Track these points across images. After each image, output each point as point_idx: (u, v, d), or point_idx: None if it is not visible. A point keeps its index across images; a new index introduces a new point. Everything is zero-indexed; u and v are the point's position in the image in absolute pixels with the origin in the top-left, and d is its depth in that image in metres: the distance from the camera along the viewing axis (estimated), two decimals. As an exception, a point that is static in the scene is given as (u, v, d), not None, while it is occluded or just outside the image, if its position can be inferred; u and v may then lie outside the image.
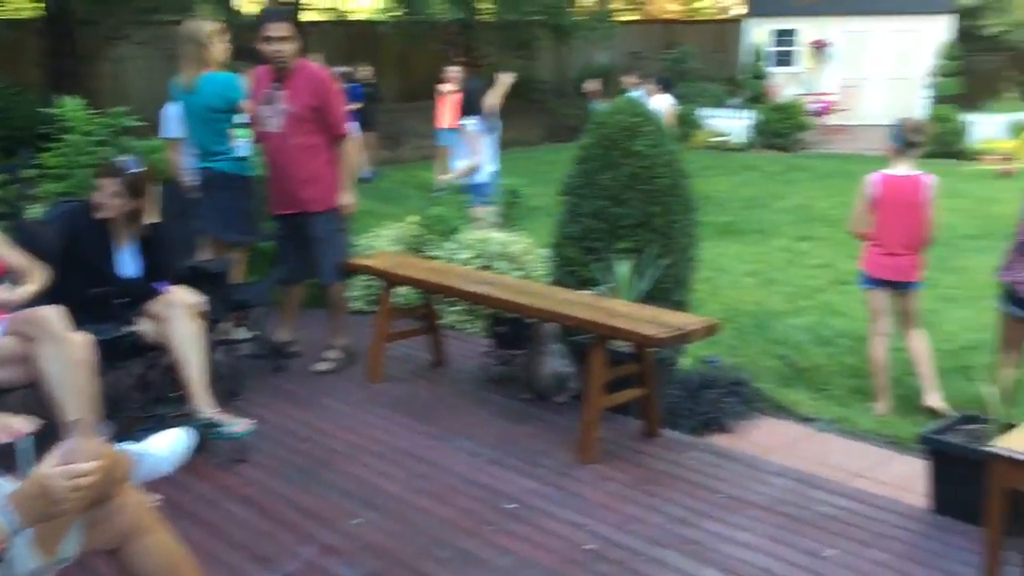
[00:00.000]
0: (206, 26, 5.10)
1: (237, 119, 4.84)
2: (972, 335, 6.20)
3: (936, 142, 15.72)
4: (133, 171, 3.89)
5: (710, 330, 3.74)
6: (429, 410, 4.39)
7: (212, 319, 4.23)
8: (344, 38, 19.60)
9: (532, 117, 19.75)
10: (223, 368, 4.60)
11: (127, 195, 3.85)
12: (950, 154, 15.56)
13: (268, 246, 5.51)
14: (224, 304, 4.33)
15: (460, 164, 7.15)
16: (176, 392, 3.93)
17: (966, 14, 20.87)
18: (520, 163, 15.61)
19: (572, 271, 4.88)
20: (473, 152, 7.03)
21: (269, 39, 4.63)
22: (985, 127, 16.63)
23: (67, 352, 3.36)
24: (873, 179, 5.01)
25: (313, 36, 18.57)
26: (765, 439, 4.54)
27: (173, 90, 5.30)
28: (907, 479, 3.99)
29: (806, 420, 4.88)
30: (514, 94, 21.85)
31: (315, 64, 4.97)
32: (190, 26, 5.09)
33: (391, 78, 19.13)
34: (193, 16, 14.22)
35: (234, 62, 5.53)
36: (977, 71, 20.42)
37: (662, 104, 10.39)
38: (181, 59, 5.14)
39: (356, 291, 6.00)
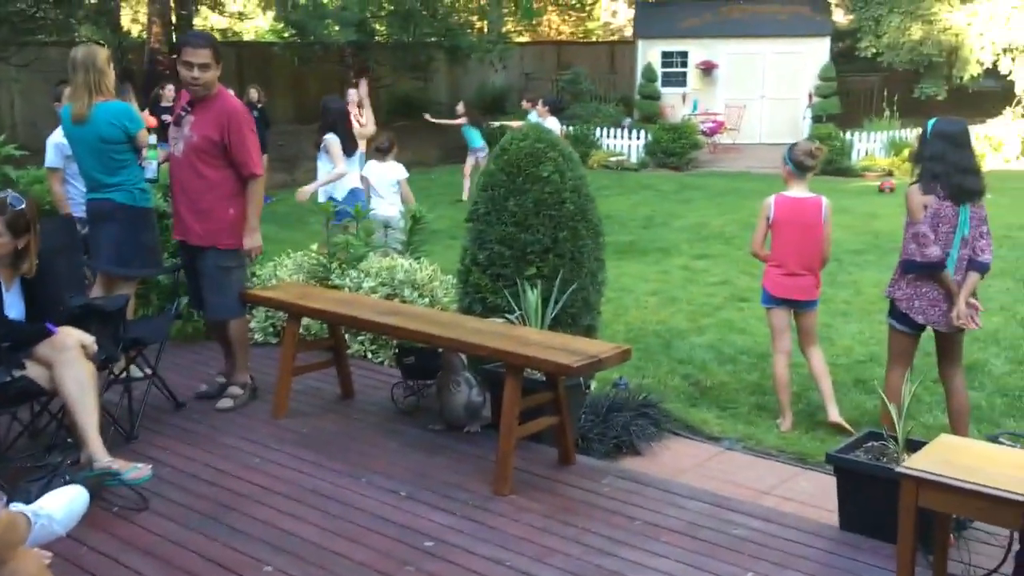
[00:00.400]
0: (101, 53, 4.88)
1: (149, 140, 4.83)
2: (866, 348, 6.43)
3: (820, 159, 16.39)
4: (15, 208, 3.66)
5: (623, 356, 3.75)
6: (338, 446, 4.27)
7: (105, 359, 4.02)
8: (236, 60, 19.19)
9: (428, 138, 19.69)
10: (118, 409, 4.39)
11: (9, 234, 3.62)
12: (835, 171, 16.22)
13: (166, 280, 5.30)
14: (118, 343, 4.12)
15: (322, 176, 7.98)
16: (68, 439, 3.71)
17: (843, 36, 21.88)
18: (417, 184, 15.52)
19: (481, 298, 4.84)
20: (336, 162, 7.74)
21: (188, 64, 4.41)
22: (865, 145, 17.44)
23: None
24: (771, 201, 5.14)
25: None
26: (676, 460, 4.59)
27: (62, 118, 5.05)
28: (814, 496, 4.08)
29: (714, 439, 4.96)
30: (409, 115, 21.87)
31: (233, 98, 4.70)
32: (83, 52, 4.86)
33: (285, 100, 18.84)
34: (77, 38, 13.78)
35: (118, 84, 5.31)
36: (854, 91, 21.41)
37: (552, 126, 10.51)
38: (72, 86, 4.90)
39: (256, 322, 5.82)
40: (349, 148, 7.97)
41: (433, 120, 14.96)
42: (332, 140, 7.77)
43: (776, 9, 21.52)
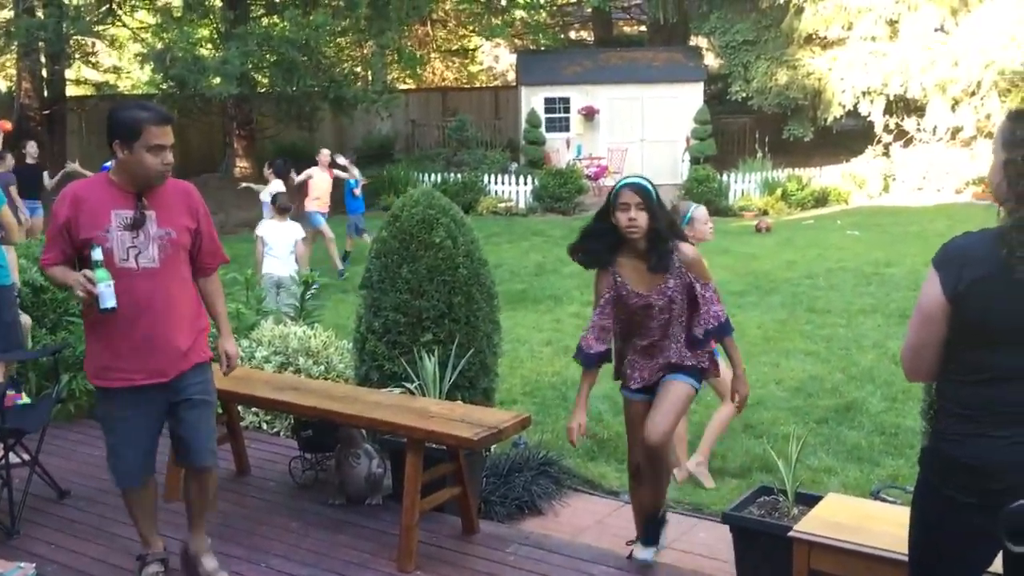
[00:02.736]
0: None
1: (95, 254, 3.19)
2: (753, 392, 6.64)
3: (701, 200, 17.00)
4: None
5: (522, 424, 3.80)
6: (236, 528, 4.16)
7: (-18, 453, 3.82)
8: (111, 114, 18.65)
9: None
10: (-3, 503, 4.16)
11: None
12: (714, 212, 16.81)
13: (43, 362, 5.08)
14: (-4, 434, 3.92)
15: None
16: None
17: (715, 80, 22.86)
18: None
19: (377, 365, 4.83)
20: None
21: (159, 148, 3.23)
22: (741, 186, 18.19)
23: None
24: None
25: (77, 112, 17.59)
26: (577, 518, 4.65)
27: None
28: (712, 548, 4.20)
29: (613, 493, 5.05)
30: (296, 166, 21.60)
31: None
32: None
33: (164, 153, 18.36)
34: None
35: None
36: (727, 132, 22.35)
37: (277, 188, 10.39)
38: None
39: (144, 397, 5.62)
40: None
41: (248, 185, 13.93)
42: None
43: (652, 56, 22.34)
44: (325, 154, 12.48)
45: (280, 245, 7.82)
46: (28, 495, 4.29)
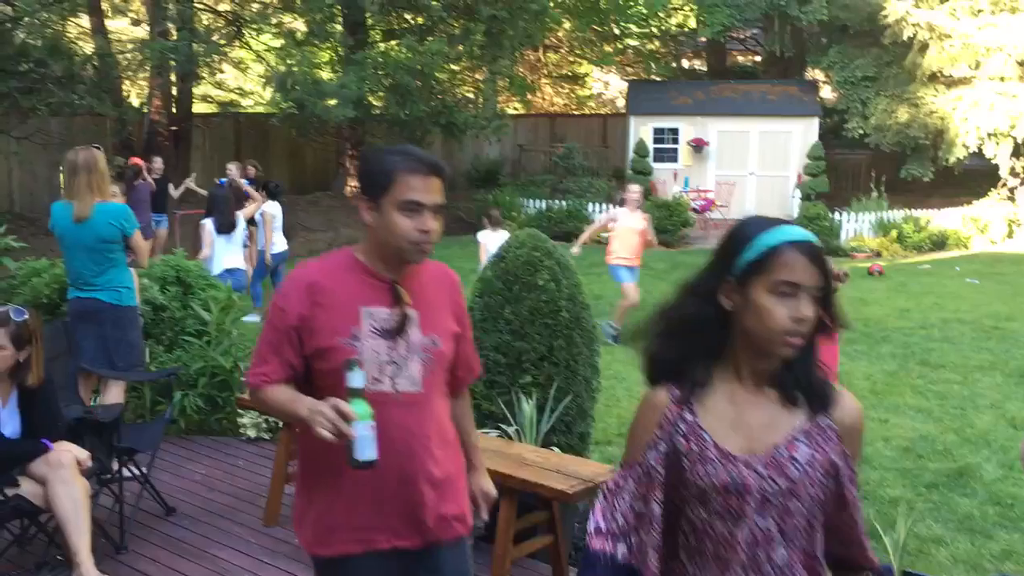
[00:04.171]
0: (100, 156, 4.98)
1: (353, 379, 2.14)
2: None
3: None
4: (17, 320, 3.69)
5: (618, 479, 3.75)
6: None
7: (98, 472, 4.01)
8: (233, 131, 19.44)
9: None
10: (108, 515, 4.35)
11: (12, 347, 3.64)
12: (824, 251, 16.39)
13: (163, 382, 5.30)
14: (111, 453, 4.10)
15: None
16: (59, 556, 3.68)
17: (830, 113, 22.29)
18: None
19: (475, 404, 4.85)
20: (204, 246, 8.75)
21: (413, 206, 2.25)
22: (854, 225, 17.67)
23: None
24: None
25: (202, 129, 18.40)
26: (669, 573, 4.57)
27: (55, 215, 5.10)
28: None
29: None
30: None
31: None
32: (84, 156, 4.96)
33: (281, 171, 19.04)
34: (79, 109, 13.95)
35: (116, 156, 5.35)
36: (841, 168, 21.76)
37: (271, 209, 9.99)
38: (72, 187, 4.98)
39: (248, 418, 5.81)
40: (224, 227, 8.85)
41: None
42: (205, 224, 8.88)
43: (766, 88, 21.97)
44: (635, 192, 9.99)
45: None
46: (136, 511, 4.47)
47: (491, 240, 9.98)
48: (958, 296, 12.32)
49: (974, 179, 20.34)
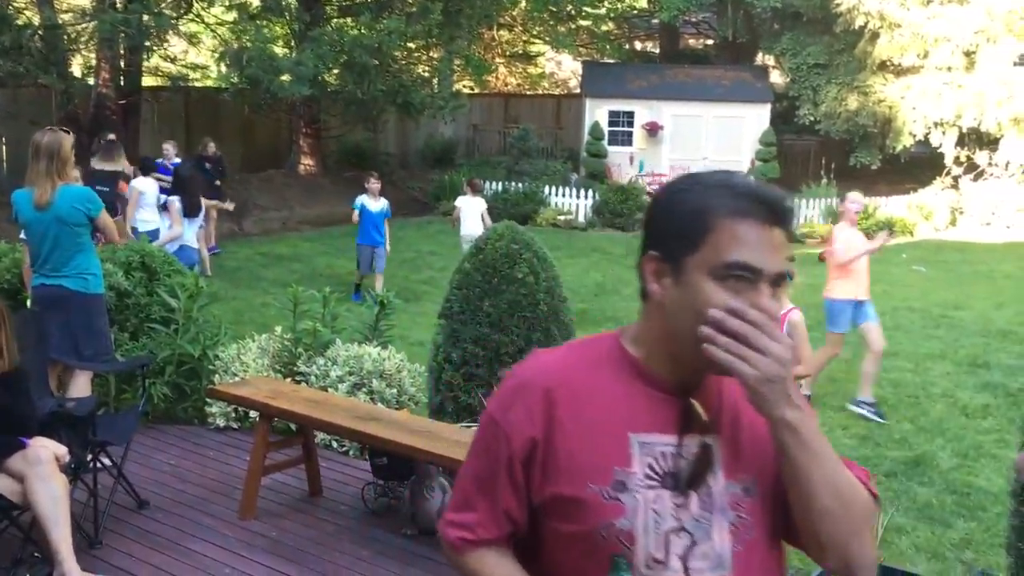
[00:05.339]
0: (66, 141, 4.85)
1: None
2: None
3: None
4: (-13, 311, 3.59)
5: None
6: (310, 553, 4.21)
7: (74, 466, 3.93)
8: (183, 106, 19.01)
9: (381, 190, 19.71)
10: (81, 510, 4.27)
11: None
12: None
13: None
14: (86, 447, 4.03)
15: (164, 235, 8.84)
16: (36, 554, 3.61)
17: (781, 99, 22.57)
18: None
19: (453, 396, 4.87)
20: (174, 224, 8.82)
21: (750, 273, 1.37)
22: (805, 212, 17.97)
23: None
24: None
25: (151, 103, 17.96)
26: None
27: (17, 202, 4.96)
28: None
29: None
30: (359, 165, 21.88)
31: None
32: (48, 139, 4.82)
33: (233, 147, 18.66)
34: (25, 82, 13.50)
35: (60, 128, 5.18)
36: (791, 153, 22.09)
37: (140, 185, 9.34)
38: (33, 172, 4.84)
39: (218, 407, 5.73)
40: (192, 210, 9.05)
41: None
42: (172, 201, 8.92)
43: (720, 73, 22.16)
44: (854, 201, 7.68)
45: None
46: (110, 504, 4.40)
47: (467, 205, 11.32)
48: (906, 284, 12.62)
49: (919, 167, 20.81)
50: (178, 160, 11.70)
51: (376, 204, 10.60)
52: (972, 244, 17.00)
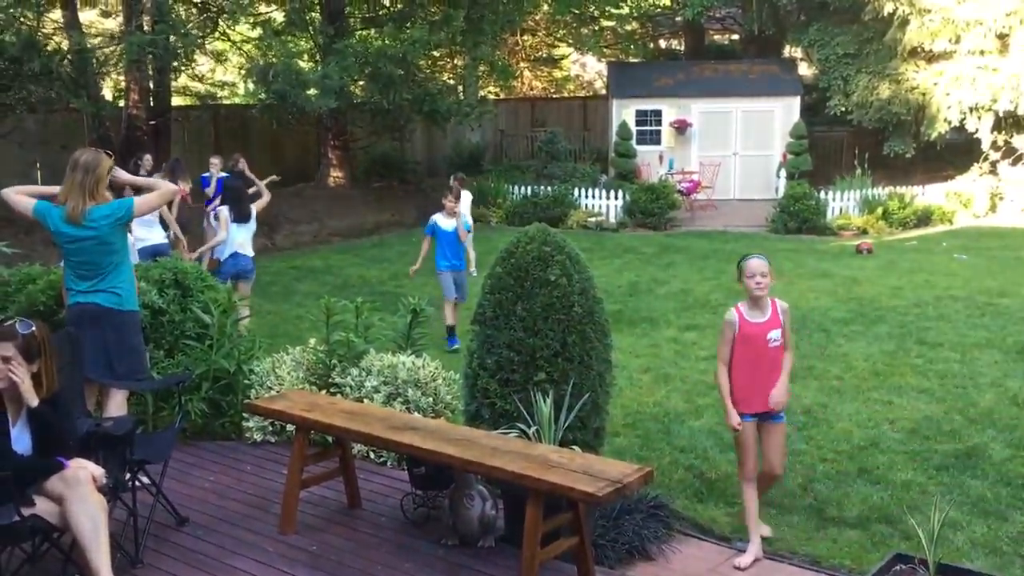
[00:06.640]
0: (104, 161, 4.86)
1: None
2: (865, 432, 6.44)
3: (796, 219, 16.61)
4: (24, 333, 3.58)
5: (645, 479, 3.71)
6: (348, 566, 4.17)
7: (112, 486, 3.91)
8: (212, 123, 19.18)
9: (405, 198, 19.76)
10: (121, 529, 4.26)
11: (24, 361, 3.54)
12: (810, 230, 16.43)
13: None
14: (124, 466, 4.01)
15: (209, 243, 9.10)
16: (76, 574, 3.59)
17: (811, 90, 22.28)
18: (396, 248, 15.52)
19: (490, 403, 4.79)
20: (220, 231, 8.74)
21: None
22: (840, 203, 17.70)
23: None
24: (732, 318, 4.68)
25: (180, 122, 18.14)
26: (690, 567, 4.53)
27: (49, 215, 4.93)
28: (836, 608, 4.05)
29: (725, 539, 4.92)
30: (387, 174, 21.94)
31: None
32: (87, 156, 4.86)
33: (262, 162, 18.78)
34: (57, 106, 13.66)
35: (104, 150, 5.21)
36: (822, 145, 21.78)
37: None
38: (68, 185, 4.85)
39: (254, 421, 5.71)
40: (241, 217, 8.85)
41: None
42: (222, 210, 8.88)
43: (746, 68, 21.94)
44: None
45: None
46: (150, 522, 4.38)
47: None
48: (948, 272, 12.36)
49: (956, 154, 20.42)
50: (223, 173, 12.62)
51: (449, 222, 9.19)
52: (1013, 230, 16.64)
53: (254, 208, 9.06)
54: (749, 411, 4.65)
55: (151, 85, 16.95)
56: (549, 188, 18.35)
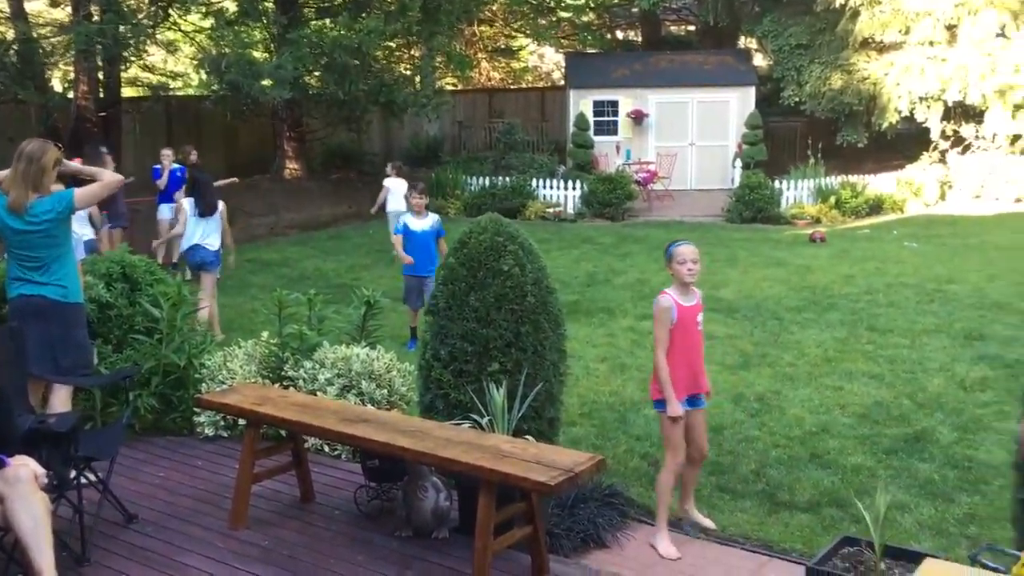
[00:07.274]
0: (50, 152, 4.75)
1: None
2: (817, 418, 6.53)
3: (751, 208, 16.78)
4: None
5: (598, 467, 3.72)
6: (303, 561, 4.13)
7: (55, 484, 3.84)
8: (164, 115, 18.87)
9: (363, 190, 19.60)
10: (70, 526, 4.17)
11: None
12: (765, 219, 16.61)
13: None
14: (68, 463, 3.93)
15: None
16: (19, 573, 3.51)
17: (765, 81, 22.50)
18: (353, 241, 15.42)
19: (444, 394, 4.77)
20: (179, 225, 8.83)
21: None
22: (793, 192, 17.91)
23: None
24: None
25: (132, 114, 17.81)
26: (644, 553, 4.56)
27: None
28: (787, 591, 4.10)
29: (675, 526, 4.95)
30: (344, 166, 21.76)
31: None
32: (33, 146, 4.75)
33: (216, 154, 18.55)
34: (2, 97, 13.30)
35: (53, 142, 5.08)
36: (777, 135, 22.01)
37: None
38: (11, 175, 4.74)
39: (206, 416, 5.64)
40: (206, 210, 8.67)
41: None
42: (184, 202, 8.85)
43: (702, 58, 22.08)
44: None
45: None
46: (97, 519, 4.31)
47: (395, 185, 12.81)
48: (899, 261, 12.57)
49: (906, 143, 20.76)
50: (175, 165, 12.68)
51: (422, 222, 8.42)
52: (962, 217, 16.96)
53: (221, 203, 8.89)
54: (683, 396, 4.63)
55: (101, 76, 16.62)
56: (507, 179, 18.34)
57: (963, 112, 18.99)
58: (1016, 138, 18.58)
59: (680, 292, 4.67)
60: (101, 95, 16.76)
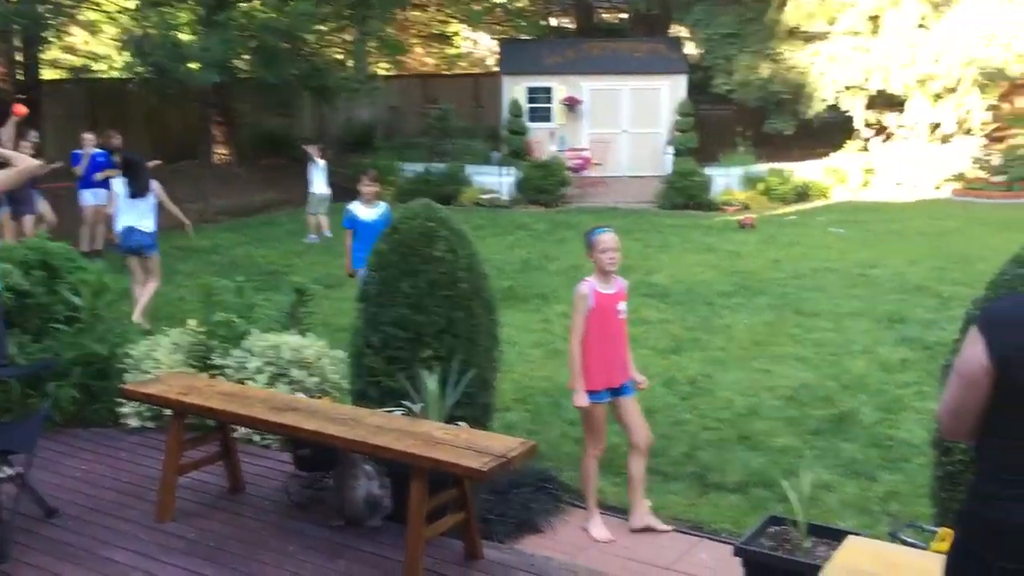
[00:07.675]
0: None
1: None
2: (746, 400, 6.65)
3: (683, 194, 17.00)
4: None
5: (530, 453, 3.72)
6: (231, 552, 4.06)
7: (-29, 479, 3.70)
8: (87, 98, 18.29)
9: (295, 176, 19.29)
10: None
11: None
12: (695, 206, 16.85)
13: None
14: (-16, 457, 3.79)
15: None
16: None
17: (696, 70, 22.75)
18: (285, 227, 15.20)
19: (376, 381, 4.73)
20: (109, 205, 8.88)
21: None
22: (724, 180, 18.19)
23: None
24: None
25: (52, 96, 17.22)
26: (577, 537, 4.60)
27: None
28: (715, 570, 4.17)
29: (611, 508, 5.00)
30: (275, 152, 21.38)
31: None
32: None
33: (141, 139, 18.04)
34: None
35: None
36: (708, 123, 22.31)
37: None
38: None
39: (131, 407, 5.50)
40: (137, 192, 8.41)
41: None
42: (115, 183, 8.63)
43: (634, 46, 22.22)
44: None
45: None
46: (15, 515, 4.17)
47: (318, 169, 14.14)
48: (825, 246, 12.87)
49: (832, 132, 21.22)
50: (97, 150, 12.44)
51: (371, 212, 7.76)
52: (886, 204, 17.44)
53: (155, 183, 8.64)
54: (605, 386, 4.62)
55: (18, 58, 16.01)
56: (442, 165, 18.24)
57: (885, 101, 19.49)
58: (936, 127, 19.14)
59: (601, 280, 4.68)
60: (19, 77, 16.16)
